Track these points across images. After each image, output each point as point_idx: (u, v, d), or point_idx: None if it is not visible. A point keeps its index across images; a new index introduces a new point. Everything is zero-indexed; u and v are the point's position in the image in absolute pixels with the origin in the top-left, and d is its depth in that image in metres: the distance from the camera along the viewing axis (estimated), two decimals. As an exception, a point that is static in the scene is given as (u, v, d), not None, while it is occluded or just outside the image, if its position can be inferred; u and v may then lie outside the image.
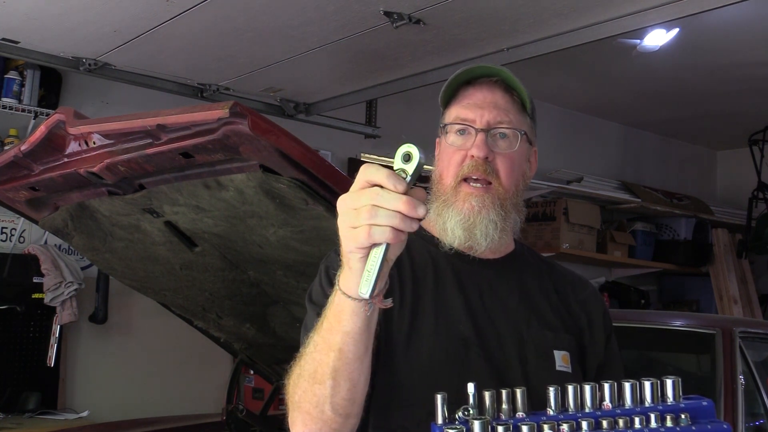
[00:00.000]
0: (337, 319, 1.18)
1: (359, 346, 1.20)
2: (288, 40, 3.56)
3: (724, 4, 2.93)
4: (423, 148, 1.06)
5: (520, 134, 1.47)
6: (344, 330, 1.18)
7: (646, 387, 1.15)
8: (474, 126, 1.46)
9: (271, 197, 1.93)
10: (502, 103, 1.48)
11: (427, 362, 1.40)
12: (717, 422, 1.15)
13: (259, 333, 2.89)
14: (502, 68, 1.50)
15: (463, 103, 1.49)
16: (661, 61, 4.93)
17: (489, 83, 1.49)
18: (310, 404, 1.25)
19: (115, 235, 2.51)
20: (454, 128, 1.48)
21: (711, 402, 1.17)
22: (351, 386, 1.23)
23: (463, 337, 1.42)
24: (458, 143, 1.47)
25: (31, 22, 3.41)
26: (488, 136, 1.45)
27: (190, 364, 4.57)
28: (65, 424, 3.80)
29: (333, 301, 1.19)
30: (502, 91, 1.49)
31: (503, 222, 1.45)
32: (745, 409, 2.81)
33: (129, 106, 4.27)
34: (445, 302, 1.45)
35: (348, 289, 1.14)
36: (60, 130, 2.07)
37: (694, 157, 7.51)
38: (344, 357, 1.20)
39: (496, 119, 1.46)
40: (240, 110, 1.67)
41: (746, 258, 6.63)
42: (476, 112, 1.46)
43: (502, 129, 1.46)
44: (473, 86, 1.50)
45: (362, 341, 1.20)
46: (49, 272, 3.97)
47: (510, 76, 1.48)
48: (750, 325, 3.44)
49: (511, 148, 1.46)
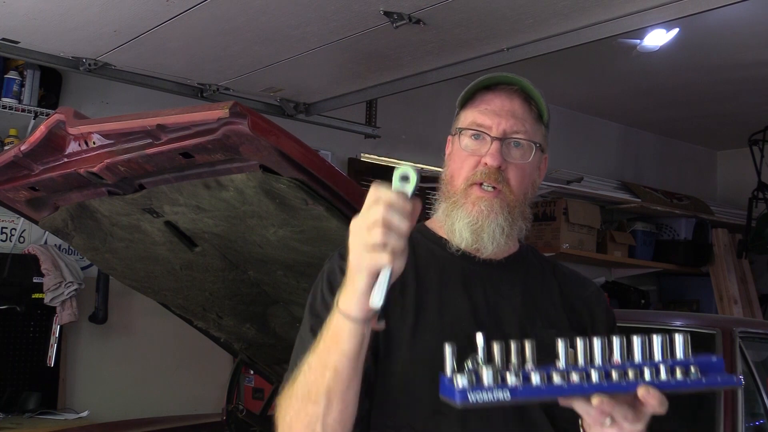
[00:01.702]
0: (334, 340, 1.22)
1: (353, 367, 1.23)
2: (288, 40, 3.56)
3: (724, 4, 2.92)
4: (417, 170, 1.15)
5: (535, 146, 1.48)
6: (342, 350, 1.21)
7: (655, 342, 1.14)
8: (490, 134, 1.46)
9: (271, 197, 1.93)
10: (520, 113, 1.48)
11: (432, 360, 1.40)
12: (727, 375, 1.14)
13: (259, 333, 2.89)
14: (522, 78, 1.50)
15: (481, 108, 1.49)
16: (661, 61, 4.93)
17: (508, 91, 1.49)
18: (302, 424, 1.27)
19: (115, 235, 2.51)
20: (469, 132, 1.48)
21: (721, 359, 1.15)
22: (343, 407, 1.25)
23: (468, 335, 1.43)
24: (472, 148, 1.48)
25: (31, 22, 3.41)
26: (503, 144, 1.46)
27: (190, 364, 4.57)
28: (65, 424, 3.80)
29: (331, 322, 1.22)
30: (520, 100, 1.49)
31: (510, 228, 1.46)
32: (745, 409, 2.81)
33: (129, 106, 4.27)
34: (449, 301, 1.46)
35: (348, 310, 1.19)
36: (60, 130, 2.07)
37: (694, 157, 7.51)
38: (339, 376, 1.23)
39: (513, 128, 1.46)
40: (240, 110, 1.67)
41: (746, 258, 6.63)
42: (493, 119, 1.47)
43: (517, 139, 1.47)
44: (492, 92, 1.50)
45: (357, 361, 1.23)
46: (49, 272, 3.97)
47: (529, 85, 1.49)
48: (750, 325, 3.44)
49: (524, 159, 1.47)
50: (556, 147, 6.81)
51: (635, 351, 1.15)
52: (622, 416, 1.12)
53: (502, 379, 1.12)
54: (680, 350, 1.15)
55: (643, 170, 7.01)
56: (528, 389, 1.11)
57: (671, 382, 1.12)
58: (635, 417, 1.13)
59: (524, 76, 1.53)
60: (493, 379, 1.11)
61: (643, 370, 1.12)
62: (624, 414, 1.12)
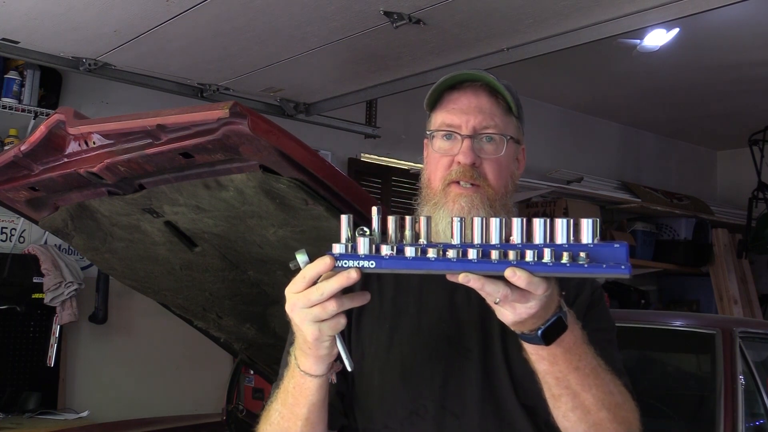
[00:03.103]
0: (302, 395, 1.28)
1: (322, 410, 1.31)
2: (288, 40, 3.56)
3: (724, 4, 2.92)
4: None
5: (506, 138, 1.47)
6: (310, 402, 1.28)
7: (558, 224, 1.09)
8: (460, 132, 1.45)
9: (271, 197, 1.93)
10: (487, 107, 1.47)
11: (410, 362, 1.42)
12: (617, 264, 1.06)
13: (259, 333, 2.89)
14: (485, 73, 1.49)
15: (449, 108, 1.48)
16: (661, 61, 4.94)
17: (473, 87, 1.48)
18: None
19: (115, 235, 2.51)
20: (440, 134, 1.48)
21: (624, 244, 1.07)
22: None
23: (447, 335, 1.43)
24: (445, 148, 1.47)
25: (31, 22, 3.41)
26: (474, 141, 1.45)
27: (190, 364, 4.57)
28: (65, 424, 3.80)
29: (293, 381, 1.28)
30: (486, 94, 1.48)
31: None
32: (745, 409, 2.81)
33: (129, 106, 4.27)
34: (429, 302, 1.46)
35: (310, 369, 1.24)
36: (60, 130, 2.07)
37: (694, 157, 7.51)
38: (311, 423, 1.31)
39: (482, 124, 1.45)
40: (240, 110, 1.67)
41: (746, 258, 6.63)
42: (462, 117, 1.46)
43: (488, 133, 1.46)
44: (458, 91, 1.49)
45: (324, 405, 1.31)
46: (49, 272, 3.96)
47: (493, 80, 1.48)
48: (750, 325, 3.44)
49: (497, 153, 1.46)
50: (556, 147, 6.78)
51: (535, 233, 1.10)
52: (501, 295, 1.09)
53: (376, 250, 1.11)
54: (587, 235, 1.09)
55: (643, 170, 7.01)
56: (395, 260, 1.10)
57: (547, 266, 1.07)
58: (520, 296, 1.09)
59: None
60: (368, 249, 1.11)
61: (525, 253, 1.08)
62: (502, 292, 1.08)
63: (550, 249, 1.07)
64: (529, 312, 1.11)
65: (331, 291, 1.13)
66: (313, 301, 1.14)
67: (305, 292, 1.15)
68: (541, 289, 1.08)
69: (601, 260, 1.06)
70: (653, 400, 3.06)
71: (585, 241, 1.08)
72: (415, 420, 1.38)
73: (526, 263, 1.07)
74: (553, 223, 1.09)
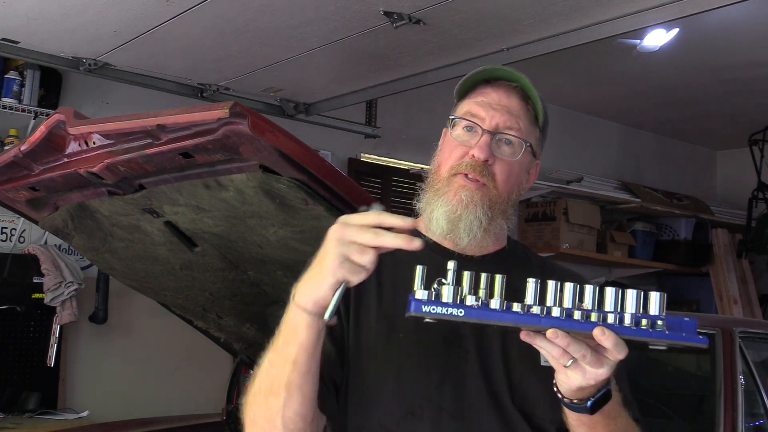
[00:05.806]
0: (292, 332, 1.23)
1: (311, 360, 1.25)
2: (288, 40, 3.56)
3: (724, 4, 2.93)
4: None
5: (525, 144, 1.46)
6: (299, 341, 1.23)
7: (629, 295, 1.12)
8: (482, 125, 1.45)
9: (271, 197, 1.93)
10: (516, 110, 1.46)
11: (407, 361, 1.41)
12: (694, 334, 1.11)
13: (259, 333, 2.89)
14: (523, 75, 1.49)
15: (477, 100, 1.48)
16: (661, 61, 4.93)
17: (507, 87, 1.48)
18: (264, 418, 1.29)
19: (115, 235, 2.51)
20: (462, 123, 1.47)
21: (693, 319, 1.12)
22: (302, 399, 1.27)
23: (444, 335, 1.42)
24: (462, 138, 1.46)
25: (31, 22, 3.41)
26: (493, 139, 1.44)
27: (190, 364, 4.57)
28: (65, 424, 3.80)
29: (287, 317, 1.24)
30: (518, 97, 1.47)
31: (488, 223, 1.43)
32: (745, 409, 2.81)
33: (129, 106, 4.27)
34: None
35: (305, 305, 1.20)
36: (60, 130, 2.07)
37: (694, 157, 7.50)
38: (298, 369, 1.25)
39: (506, 124, 1.45)
40: (240, 110, 1.67)
41: (746, 258, 6.63)
42: (488, 111, 1.45)
43: (509, 135, 1.45)
44: (491, 86, 1.49)
45: (314, 355, 1.25)
46: (49, 272, 3.96)
47: (529, 84, 1.47)
48: (750, 325, 3.44)
49: (512, 157, 1.45)
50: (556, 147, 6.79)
51: (606, 301, 1.12)
52: (580, 354, 1.10)
53: (461, 300, 1.12)
54: (655, 307, 1.12)
55: (643, 170, 7.01)
56: (484, 311, 1.11)
57: (631, 329, 1.09)
58: (596, 360, 1.11)
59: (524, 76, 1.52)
60: (452, 297, 1.12)
61: (607, 316, 1.10)
62: (582, 352, 1.10)
63: (631, 315, 1.10)
64: (598, 378, 1.13)
65: (385, 243, 1.13)
66: (362, 239, 1.13)
67: (363, 227, 1.14)
68: (623, 353, 1.10)
69: (672, 329, 1.11)
70: (653, 400, 3.06)
71: (653, 313, 1.12)
72: (411, 420, 1.38)
73: (611, 325, 1.09)
74: (624, 294, 1.12)
